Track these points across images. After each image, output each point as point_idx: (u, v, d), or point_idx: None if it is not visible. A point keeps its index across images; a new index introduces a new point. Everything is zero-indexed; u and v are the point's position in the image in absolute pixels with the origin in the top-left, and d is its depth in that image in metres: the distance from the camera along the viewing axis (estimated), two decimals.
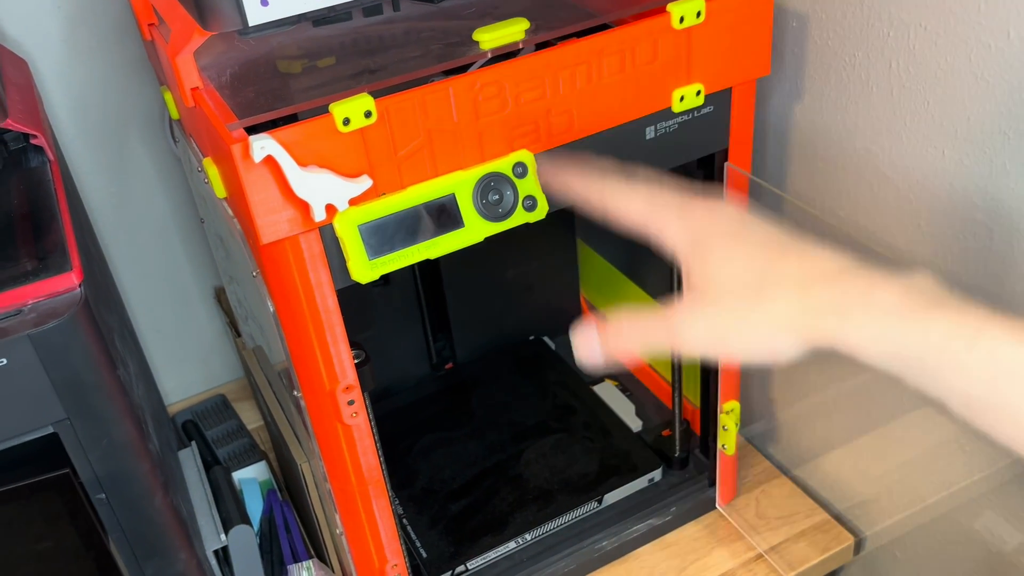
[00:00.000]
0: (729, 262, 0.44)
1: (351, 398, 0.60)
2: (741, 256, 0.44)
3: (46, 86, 0.84)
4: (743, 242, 0.44)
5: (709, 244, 0.45)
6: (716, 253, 0.44)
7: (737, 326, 0.42)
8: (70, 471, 0.52)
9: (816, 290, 0.41)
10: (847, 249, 0.44)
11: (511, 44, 0.56)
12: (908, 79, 0.62)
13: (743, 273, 0.43)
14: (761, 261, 0.43)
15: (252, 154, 0.49)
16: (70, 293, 0.50)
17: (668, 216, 0.46)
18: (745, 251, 0.44)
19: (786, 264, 0.43)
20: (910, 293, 0.40)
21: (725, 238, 0.45)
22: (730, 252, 0.44)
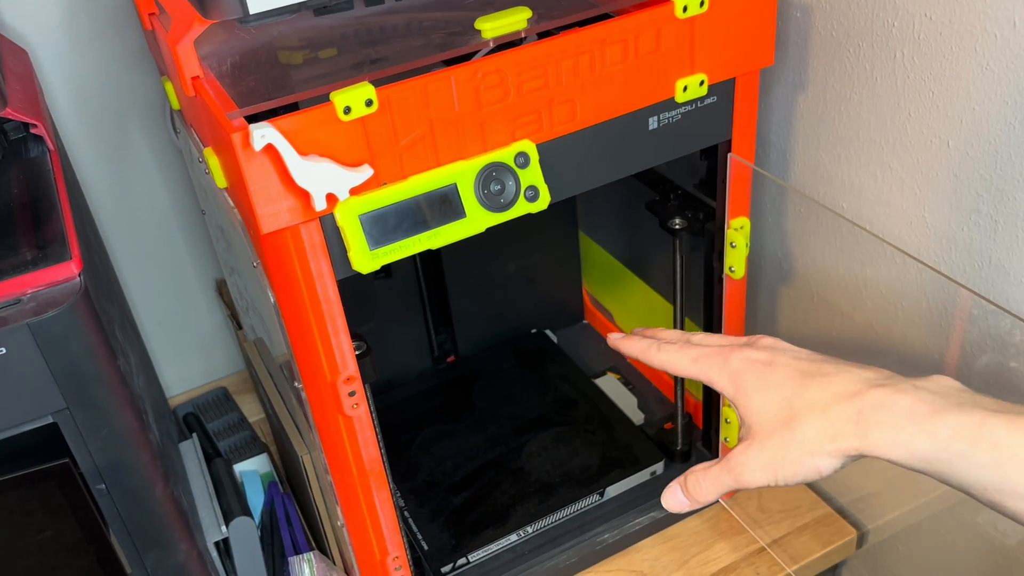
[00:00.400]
0: (765, 398, 0.49)
1: (352, 389, 0.60)
2: (773, 391, 0.49)
3: (46, 76, 0.84)
4: (773, 378, 0.49)
5: (746, 386, 0.50)
6: (753, 392, 0.50)
7: (781, 454, 0.47)
8: (70, 461, 0.52)
9: (837, 409, 0.46)
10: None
11: (513, 33, 0.56)
12: (913, 69, 0.62)
13: (777, 406, 0.48)
14: (789, 391, 0.48)
15: (252, 143, 0.48)
16: (70, 282, 0.50)
17: (712, 367, 0.52)
18: (776, 386, 0.49)
19: (811, 392, 0.48)
20: (920, 398, 0.44)
21: (758, 377, 0.50)
22: (764, 389, 0.49)
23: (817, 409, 0.47)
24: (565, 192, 0.60)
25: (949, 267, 0.64)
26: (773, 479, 0.48)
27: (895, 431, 0.44)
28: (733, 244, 0.68)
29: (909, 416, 0.44)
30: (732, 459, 0.49)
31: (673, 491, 0.52)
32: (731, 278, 0.71)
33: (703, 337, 0.56)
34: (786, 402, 0.48)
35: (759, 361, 0.51)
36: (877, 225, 0.69)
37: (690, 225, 0.72)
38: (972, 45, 0.57)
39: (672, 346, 0.55)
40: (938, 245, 0.65)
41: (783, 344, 0.53)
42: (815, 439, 0.46)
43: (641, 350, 0.57)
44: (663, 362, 0.55)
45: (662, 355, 0.55)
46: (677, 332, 0.59)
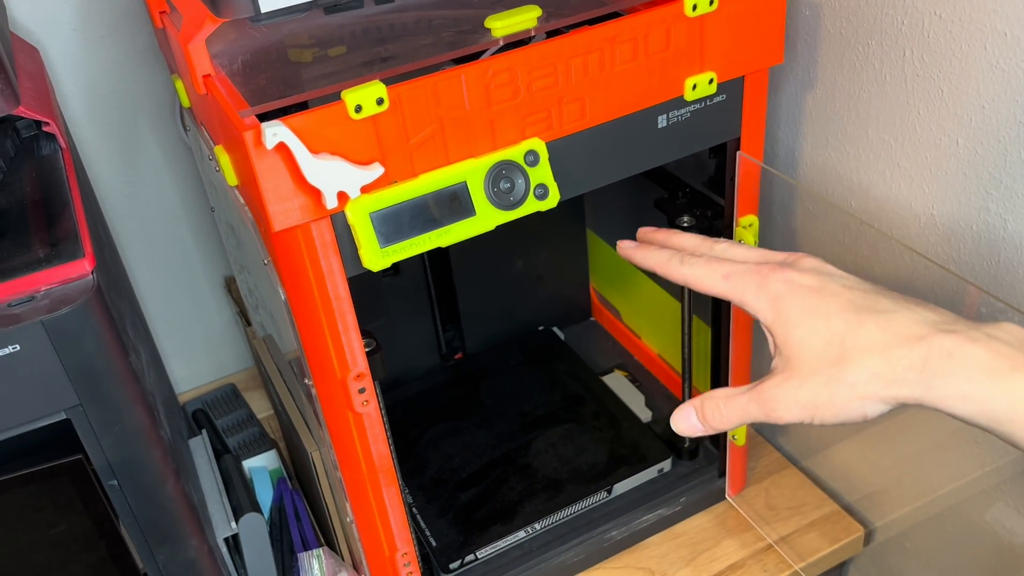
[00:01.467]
0: (811, 330, 0.44)
1: (362, 386, 0.60)
2: (821, 323, 0.44)
3: (57, 74, 0.85)
4: (822, 308, 0.45)
5: (789, 313, 0.45)
6: (797, 322, 0.45)
7: (826, 394, 0.43)
8: (83, 457, 0.52)
9: (899, 354, 0.42)
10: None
11: (523, 31, 0.56)
12: (922, 68, 0.62)
13: (825, 341, 0.44)
14: (841, 326, 0.44)
15: (264, 141, 0.49)
16: (82, 280, 0.50)
17: (747, 288, 0.47)
18: (825, 317, 0.44)
19: (867, 329, 0.43)
20: (996, 350, 0.40)
21: (803, 305, 0.45)
22: (810, 320, 0.45)
23: (875, 350, 0.42)
24: (574, 190, 0.60)
25: (958, 265, 0.64)
26: (810, 417, 0.44)
27: (967, 384, 0.40)
28: (742, 242, 0.68)
29: (985, 370, 0.40)
30: (765, 391, 0.45)
31: (686, 414, 0.48)
32: None
33: (729, 247, 0.51)
34: (837, 337, 0.43)
35: (805, 286, 0.46)
36: (886, 223, 0.69)
37: (698, 223, 0.72)
38: (982, 43, 0.57)
39: (698, 260, 0.49)
40: (947, 243, 0.65)
41: (829, 267, 0.48)
42: (869, 382, 0.42)
43: (660, 262, 0.51)
44: (687, 276, 0.49)
45: (686, 268, 0.50)
46: (698, 238, 0.53)
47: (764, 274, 0.47)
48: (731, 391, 0.47)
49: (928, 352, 0.41)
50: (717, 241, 0.52)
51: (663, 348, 0.94)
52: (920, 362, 0.41)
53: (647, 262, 0.52)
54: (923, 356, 0.41)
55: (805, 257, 0.48)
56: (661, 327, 0.92)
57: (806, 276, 0.46)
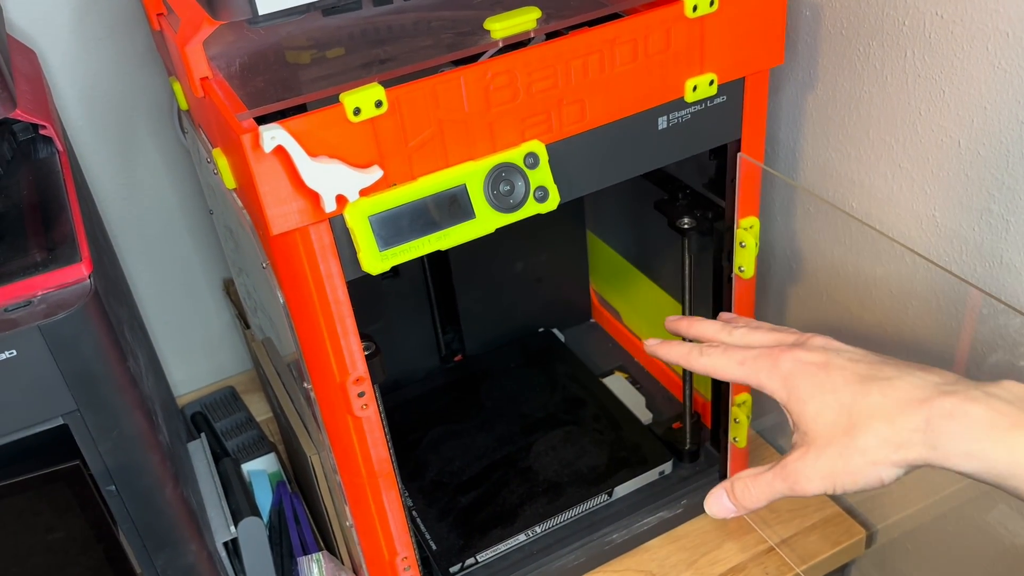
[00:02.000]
0: (822, 404, 0.46)
1: (361, 390, 0.60)
2: (830, 396, 0.46)
3: (54, 76, 0.84)
4: (829, 382, 0.47)
5: (800, 390, 0.47)
6: (808, 397, 0.47)
7: (841, 463, 0.45)
8: (80, 463, 0.52)
9: (904, 418, 0.44)
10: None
11: (523, 33, 0.56)
12: (924, 68, 0.62)
13: (835, 412, 0.46)
14: (848, 396, 0.46)
15: (262, 144, 0.48)
16: (80, 284, 0.50)
17: (760, 371, 0.49)
18: (832, 390, 0.46)
19: (872, 397, 0.45)
20: (995, 408, 0.42)
21: (813, 381, 0.47)
22: (820, 394, 0.47)
23: (880, 416, 0.44)
24: (574, 192, 0.60)
25: (960, 267, 0.64)
26: (831, 487, 0.45)
27: (969, 443, 0.41)
28: (743, 244, 0.68)
29: (985, 428, 0.41)
30: (787, 466, 0.47)
31: (718, 496, 0.50)
32: (740, 278, 0.70)
33: (746, 333, 0.53)
34: (845, 408, 0.45)
35: (813, 363, 0.48)
36: (887, 224, 0.69)
37: (699, 224, 0.72)
38: (984, 44, 0.57)
39: (715, 350, 0.52)
40: (949, 244, 0.64)
41: (836, 344, 0.50)
42: (878, 448, 0.44)
43: (681, 356, 0.54)
44: (706, 367, 0.52)
45: (705, 359, 0.52)
46: (716, 325, 0.55)
47: (775, 356, 0.49)
48: (757, 470, 0.49)
49: (930, 414, 0.43)
50: (735, 327, 0.54)
51: None
52: (923, 424, 0.43)
53: (671, 357, 0.55)
54: (926, 418, 0.43)
55: (814, 337, 0.50)
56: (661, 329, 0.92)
57: (814, 354, 0.48)
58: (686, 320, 0.58)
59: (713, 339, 0.54)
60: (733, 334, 0.54)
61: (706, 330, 0.56)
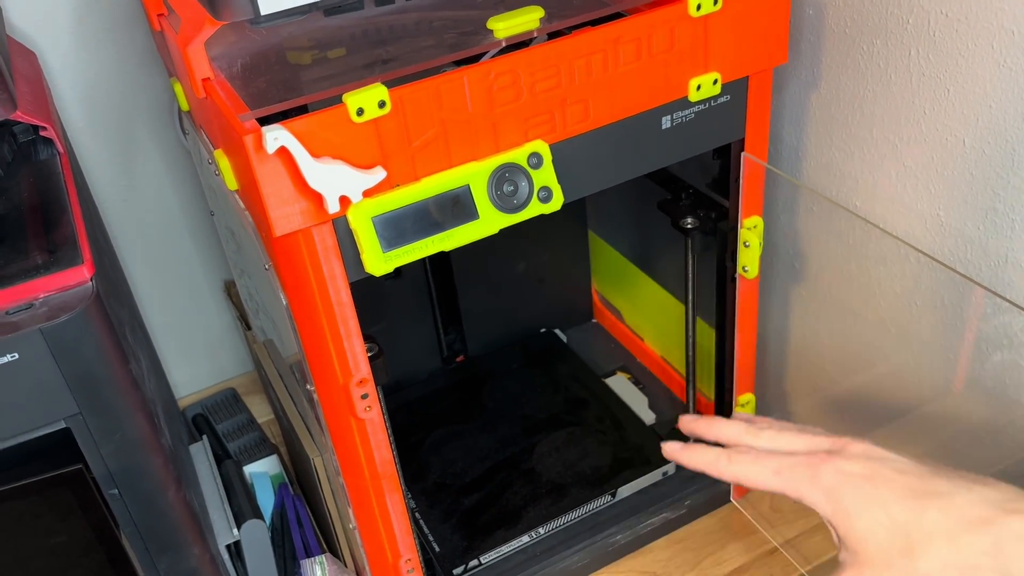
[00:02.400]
0: (873, 522, 0.44)
1: (365, 392, 0.59)
2: (881, 512, 0.44)
3: (54, 78, 0.84)
4: (878, 496, 0.44)
5: (847, 505, 0.44)
6: (857, 513, 0.44)
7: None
8: (83, 466, 0.51)
9: (968, 540, 0.41)
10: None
11: (526, 32, 0.55)
12: (928, 67, 0.61)
13: (889, 531, 0.43)
14: (903, 514, 0.43)
15: (265, 145, 0.48)
16: (82, 287, 0.49)
17: (800, 483, 0.47)
18: (883, 506, 0.44)
19: (929, 515, 0.42)
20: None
21: (859, 495, 0.44)
22: (869, 510, 0.44)
23: (942, 537, 0.42)
24: (578, 192, 0.60)
25: (965, 266, 0.64)
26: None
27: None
28: (747, 243, 0.68)
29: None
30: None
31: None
32: (744, 278, 0.70)
33: (774, 436, 0.50)
34: (900, 528, 0.43)
35: (857, 475, 0.45)
36: (891, 224, 0.69)
37: (702, 224, 0.71)
38: (989, 42, 0.57)
39: (744, 457, 0.49)
40: (954, 244, 0.64)
41: (877, 451, 0.47)
42: (942, 572, 0.41)
43: (708, 464, 0.51)
44: (736, 475, 0.49)
45: (735, 467, 0.49)
46: (739, 426, 0.52)
47: (815, 466, 0.46)
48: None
49: (999, 536, 0.41)
50: (760, 428, 0.51)
51: (666, 350, 0.93)
52: (992, 548, 0.41)
53: (695, 465, 0.52)
54: (994, 541, 0.41)
55: (852, 442, 0.47)
56: (664, 329, 0.92)
57: (856, 463, 0.46)
58: (704, 421, 0.55)
59: (737, 443, 0.51)
60: (760, 437, 0.51)
61: (728, 432, 0.53)
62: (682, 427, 0.56)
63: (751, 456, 0.49)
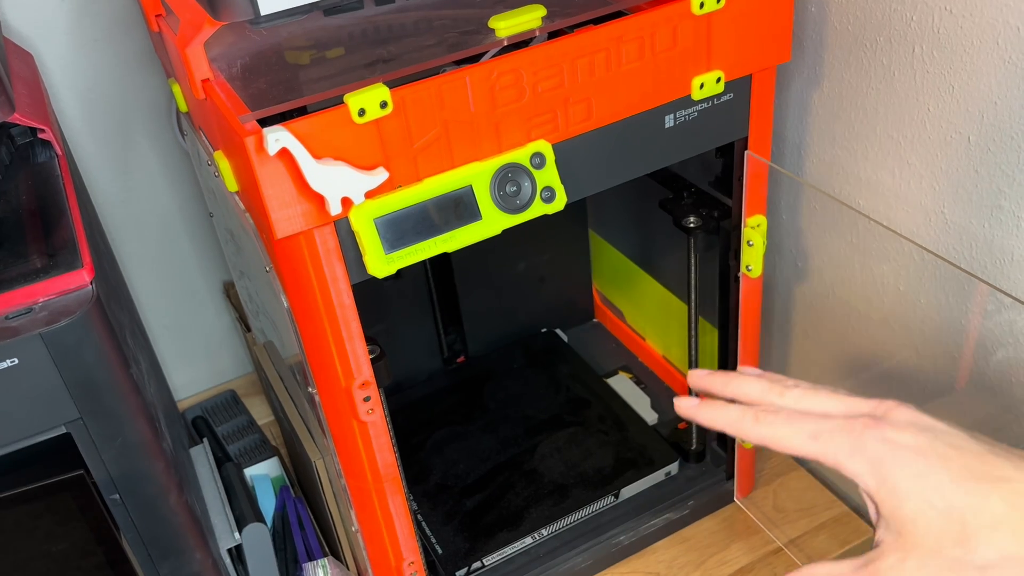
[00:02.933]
0: (925, 503, 0.39)
1: (367, 395, 0.59)
2: (935, 495, 0.39)
3: (52, 79, 0.83)
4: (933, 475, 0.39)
5: (895, 481, 0.40)
6: (907, 492, 0.39)
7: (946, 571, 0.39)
8: (84, 472, 0.51)
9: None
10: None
11: (528, 32, 0.55)
12: (932, 64, 0.61)
13: (943, 516, 0.38)
14: (960, 498, 0.39)
15: (266, 147, 0.48)
16: (82, 290, 0.49)
17: (840, 449, 0.41)
18: (938, 487, 0.39)
19: (991, 503, 0.38)
20: None
21: (911, 472, 0.40)
22: (922, 490, 0.39)
23: (1005, 529, 0.38)
24: (581, 192, 0.59)
25: (969, 264, 0.64)
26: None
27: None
28: (750, 243, 0.68)
29: None
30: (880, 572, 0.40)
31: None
32: (747, 277, 0.70)
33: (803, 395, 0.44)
34: (956, 513, 0.38)
35: (908, 448, 0.40)
36: (895, 222, 0.68)
37: (705, 223, 0.71)
38: (994, 39, 0.56)
39: (775, 417, 0.44)
40: (958, 241, 0.64)
41: (926, 419, 0.42)
42: (1002, 565, 0.38)
43: (731, 423, 0.45)
44: (765, 437, 0.44)
45: (764, 428, 0.44)
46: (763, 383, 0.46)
47: (857, 432, 0.41)
48: (834, 568, 0.41)
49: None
50: (786, 386, 0.45)
51: (668, 349, 0.93)
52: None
53: (715, 422, 0.46)
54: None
55: (897, 407, 0.42)
56: (665, 328, 0.92)
57: (905, 433, 0.41)
58: (720, 376, 0.48)
59: (760, 401, 0.46)
60: (786, 396, 0.45)
61: (749, 390, 0.46)
62: (692, 382, 0.50)
63: (783, 416, 0.43)
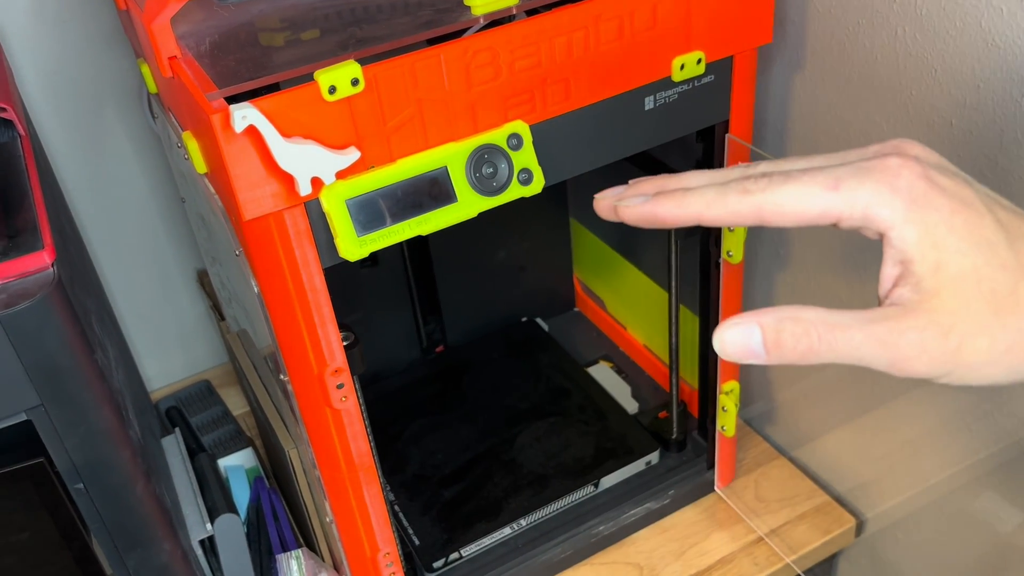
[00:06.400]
0: (975, 262, 0.33)
1: (340, 381, 0.58)
2: (981, 256, 0.33)
3: (15, 58, 0.81)
4: (982, 231, 0.34)
5: (943, 231, 0.33)
6: (957, 247, 0.33)
7: (980, 344, 0.33)
8: (45, 460, 0.49)
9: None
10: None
11: (504, 9, 0.54)
12: (915, 46, 0.60)
13: (991, 280, 0.33)
14: (1012, 259, 0.33)
15: (233, 124, 0.46)
16: (42, 273, 0.47)
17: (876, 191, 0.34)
18: (990, 246, 0.33)
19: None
20: None
21: (959, 223, 0.33)
22: (974, 248, 0.33)
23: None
24: (559, 175, 0.58)
25: None
26: (945, 374, 0.34)
27: None
28: (731, 228, 0.67)
29: None
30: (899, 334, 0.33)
31: (746, 331, 0.34)
32: (728, 263, 0.69)
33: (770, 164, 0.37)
34: (1008, 273, 0.33)
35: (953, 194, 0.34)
36: None
37: None
38: (977, 20, 0.55)
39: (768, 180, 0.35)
40: None
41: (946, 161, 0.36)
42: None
43: (708, 205, 0.36)
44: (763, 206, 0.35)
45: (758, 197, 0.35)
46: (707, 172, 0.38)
47: (893, 170, 0.34)
48: (829, 315, 0.33)
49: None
50: (747, 166, 0.37)
51: (649, 338, 0.92)
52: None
53: (683, 213, 0.36)
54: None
55: (910, 143, 0.35)
56: (647, 317, 0.91)
57: (943, 176, 0.34)
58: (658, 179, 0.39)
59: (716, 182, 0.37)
60: (758, 167, 0.37)
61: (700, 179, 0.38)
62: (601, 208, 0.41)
63: (778, 176, 0.34)
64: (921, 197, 0.33)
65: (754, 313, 0.34)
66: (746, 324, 0.34)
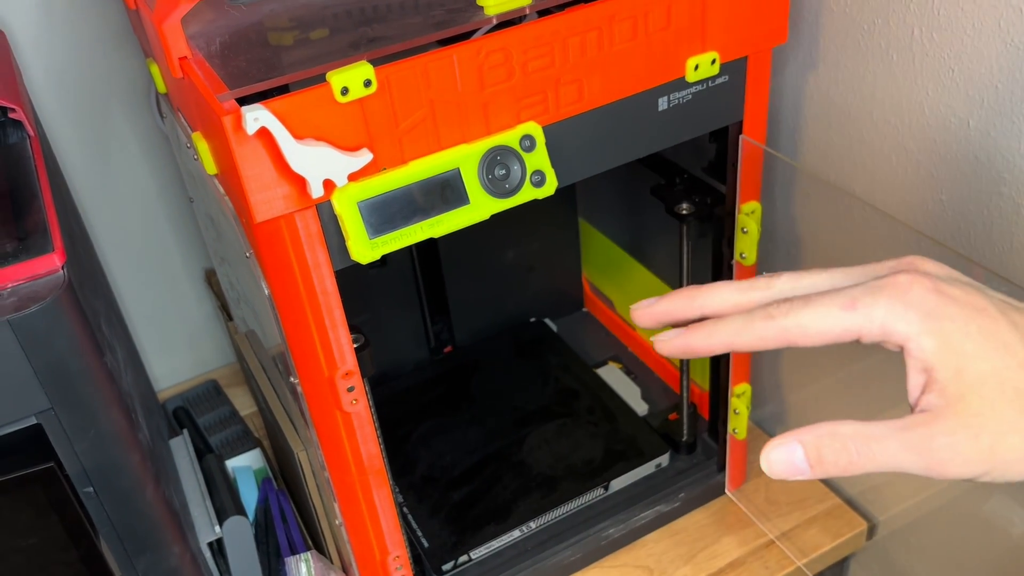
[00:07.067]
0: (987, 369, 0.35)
1: (351, 384, 0.57)
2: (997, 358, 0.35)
3: (24, 58, 0.81)
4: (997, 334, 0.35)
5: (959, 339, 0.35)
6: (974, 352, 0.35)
7: (1013, 442, 0.34)
8: (55, 464, 0.49)
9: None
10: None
11: (518, 9, 0.53)
12: (932, 46, 0.59)
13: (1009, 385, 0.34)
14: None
15: (245, 126, 0.46)
16: (52, 275, 0.47)
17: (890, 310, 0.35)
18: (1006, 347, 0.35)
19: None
20: None
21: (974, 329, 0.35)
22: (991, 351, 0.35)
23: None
24: (572, 176, 0.57)
25: (968, 251, 0.62)
26: (986, 473, 0.35)
27: None
28: (744, 229, 0.66)
29: None
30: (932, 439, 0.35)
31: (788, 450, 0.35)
32: (741, 264, 0.68)
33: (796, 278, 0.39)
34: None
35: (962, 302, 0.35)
36: (891, 209, 0.67)
37: (698, 210, 0.69)
38: (996, 20, 0.55)
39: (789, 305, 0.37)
40: (956, 229, 0.63)
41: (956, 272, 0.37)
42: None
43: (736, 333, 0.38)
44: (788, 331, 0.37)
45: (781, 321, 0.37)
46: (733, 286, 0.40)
47: (903, 287, 0.35)
48: (864, 428, 0.35)
49: None
50: (767, 279, 0.39)
51: None
52: None
53: (715, 343, 0.39)
54: None
55: (922, 259, 0.37)
56: None
57: (954, 288, 0.36)
58: (684, 293, 0.41)
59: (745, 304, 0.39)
60: (775, 286, 0.39)
61: (722, 297, 0.40)
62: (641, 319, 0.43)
63: (798, 301, 0.36)
64: (934, 309, 0.35)
65: (794, 432, 0.36)
66: (788, 444, 0.36)
